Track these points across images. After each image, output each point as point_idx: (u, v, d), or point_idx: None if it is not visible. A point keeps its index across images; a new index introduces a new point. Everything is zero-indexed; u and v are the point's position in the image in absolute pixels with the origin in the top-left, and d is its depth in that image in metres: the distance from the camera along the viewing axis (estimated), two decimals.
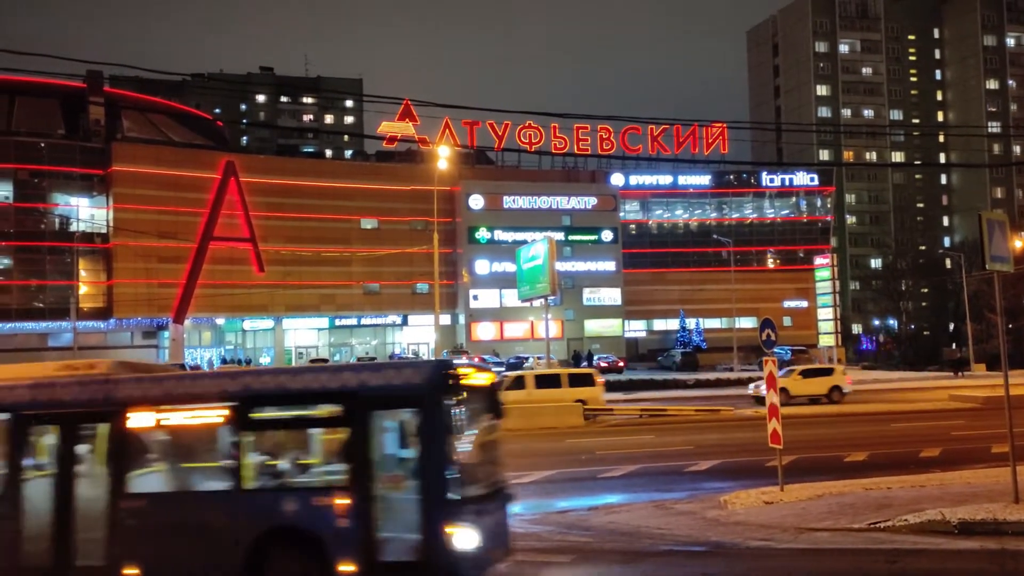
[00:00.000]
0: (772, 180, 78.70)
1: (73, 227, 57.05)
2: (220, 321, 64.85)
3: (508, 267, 62.68)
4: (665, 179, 76.11)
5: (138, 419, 9.96)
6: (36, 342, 58.94)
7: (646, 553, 11.82)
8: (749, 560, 11.15)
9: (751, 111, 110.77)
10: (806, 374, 36.04)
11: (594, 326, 69.98)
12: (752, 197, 78.97)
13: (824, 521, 12.76)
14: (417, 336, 68.04)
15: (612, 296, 70.74)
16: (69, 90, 55.97)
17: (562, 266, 58.51)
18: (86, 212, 58.79)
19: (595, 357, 56.98)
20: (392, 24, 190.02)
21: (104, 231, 58.80)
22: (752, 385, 35.82)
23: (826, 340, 67.41)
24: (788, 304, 74.55)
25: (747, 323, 65.94)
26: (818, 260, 70.08)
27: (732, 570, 10.94)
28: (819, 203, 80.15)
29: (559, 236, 62.93)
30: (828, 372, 37.21)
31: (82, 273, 57.81)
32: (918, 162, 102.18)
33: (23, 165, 57.63)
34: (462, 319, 67.97)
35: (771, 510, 13.79)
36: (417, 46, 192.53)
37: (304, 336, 67.71)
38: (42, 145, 58.26)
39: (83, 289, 57.23)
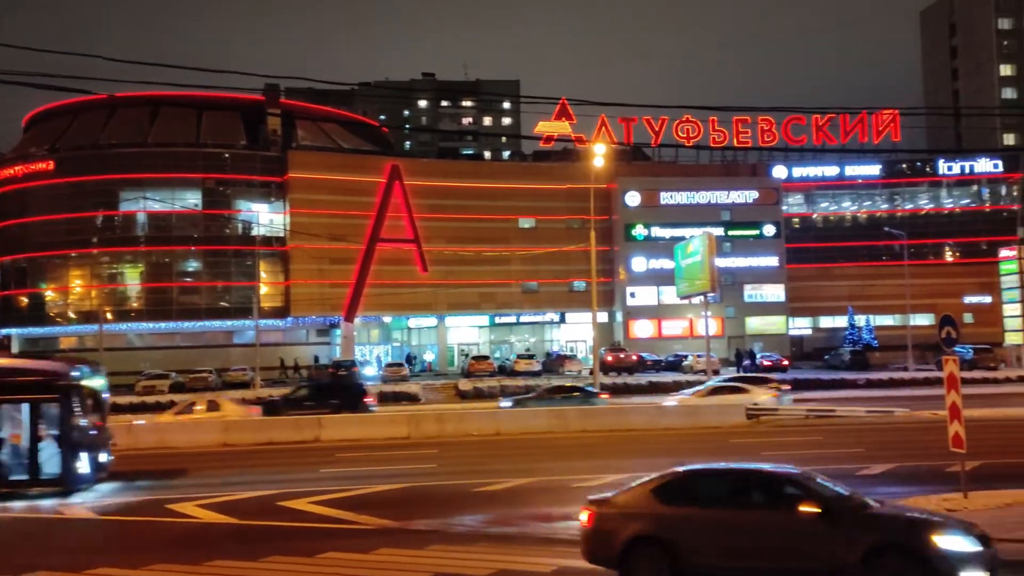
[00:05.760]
0: (950, 168, 73.67)
1: (254, 231, 61.30)
2: (387, 319, 67.90)
3: (666, 264, 61.95)
4: (831, 170, 72.83)
5: None
6: (222, 339, 64.02)
7: None
8: None
9: (926, 96, 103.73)
10: None
11: (756, 323, 67.94)
12: (927, 187, 74.30)
13: (1019, 531, 11.92)
14: (575, 334, 68.47)
15: (775, 292, 68.43)
16: (249, 103, 60.10)
17: (722, 262, 57.08)
18: (265, 217, 62.91)
19: (758, 355, 55.32)
20: (548, 25, 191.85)
21: (281, 235, 62.92)
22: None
23: (1013, 338, 62.72)
24: (969, 300, 69.50)
25: (923, 320, 62.18)
26: (1003, 252, 65.37)
27: None
28: (1004, 191, 74.38)
29: (718, 231, 61.55)
30: None
31: (262, 275, 61.99)
32: None
33: (210, 175, 62.66)
34: (619, 317, 67.77)
35: None
36: (574, 46, 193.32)
37: (465, 333, 69.70)
38: (226, 155, 63.14)
39: (263, 290, 61.38)
